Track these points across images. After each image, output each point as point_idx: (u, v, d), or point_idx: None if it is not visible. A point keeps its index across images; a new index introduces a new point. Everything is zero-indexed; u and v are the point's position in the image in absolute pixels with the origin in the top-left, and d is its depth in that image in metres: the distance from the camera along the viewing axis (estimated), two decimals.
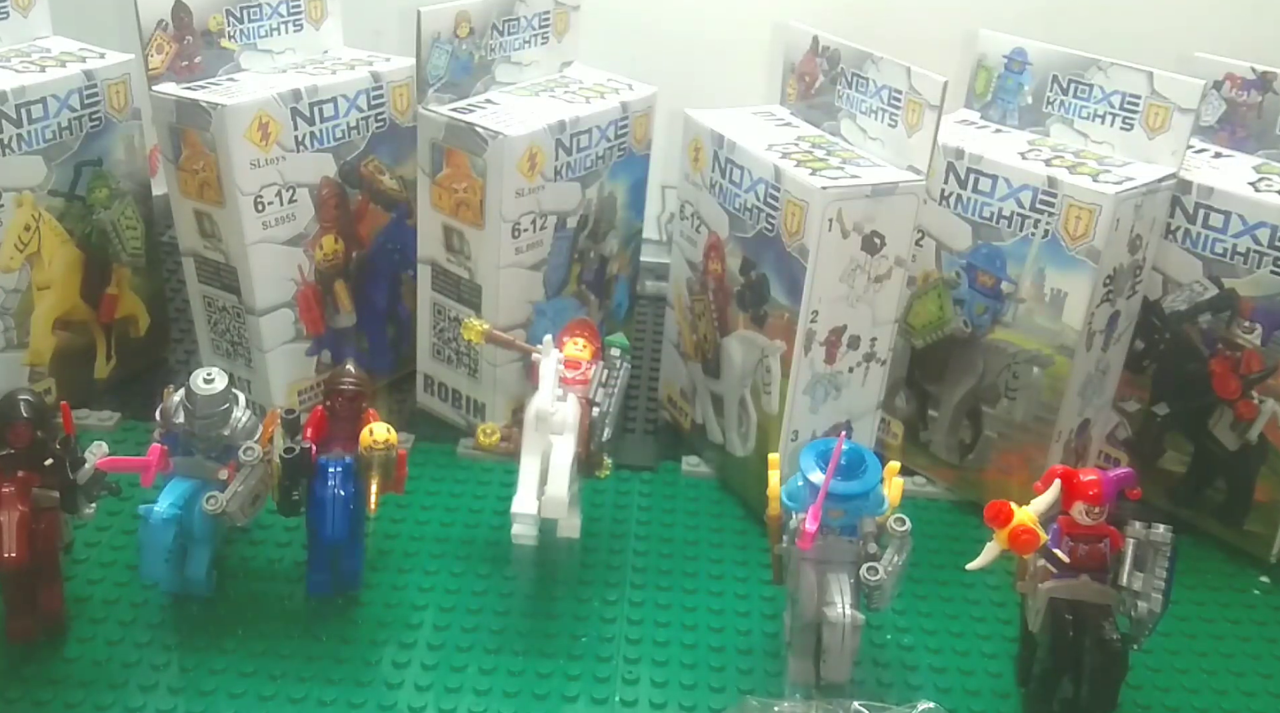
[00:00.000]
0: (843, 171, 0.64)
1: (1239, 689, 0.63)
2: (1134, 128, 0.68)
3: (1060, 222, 0.66)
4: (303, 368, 0.78)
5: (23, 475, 0.56)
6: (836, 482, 0.55)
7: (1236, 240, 0.68)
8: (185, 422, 0.60)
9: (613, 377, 0.67)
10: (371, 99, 0.75)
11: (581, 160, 0.74)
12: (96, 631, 0.61)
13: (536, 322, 0.76)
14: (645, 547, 0.70)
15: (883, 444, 0.78)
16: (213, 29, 0.73)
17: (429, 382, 0.81)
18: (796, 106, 0.73)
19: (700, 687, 0.60)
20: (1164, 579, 0.56)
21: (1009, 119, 0.74)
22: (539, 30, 0.78)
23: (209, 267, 0.74)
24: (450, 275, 0.75)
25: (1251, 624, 0.68)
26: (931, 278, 0.73)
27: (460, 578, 0.67)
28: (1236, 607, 0.69)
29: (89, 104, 0.74)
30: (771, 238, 0.66)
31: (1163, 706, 0.61)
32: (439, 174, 0.72)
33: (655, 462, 0.78)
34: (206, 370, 0.60)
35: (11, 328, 0.74)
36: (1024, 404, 0.71)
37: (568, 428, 0.62)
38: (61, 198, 0.74)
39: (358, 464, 0.60)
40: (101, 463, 0.59)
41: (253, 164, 0.70)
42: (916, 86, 0.63)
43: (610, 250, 0.81)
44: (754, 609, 0.66)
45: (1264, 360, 0.69)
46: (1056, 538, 0.57)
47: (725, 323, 0.72)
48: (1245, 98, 0.73)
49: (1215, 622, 0.67)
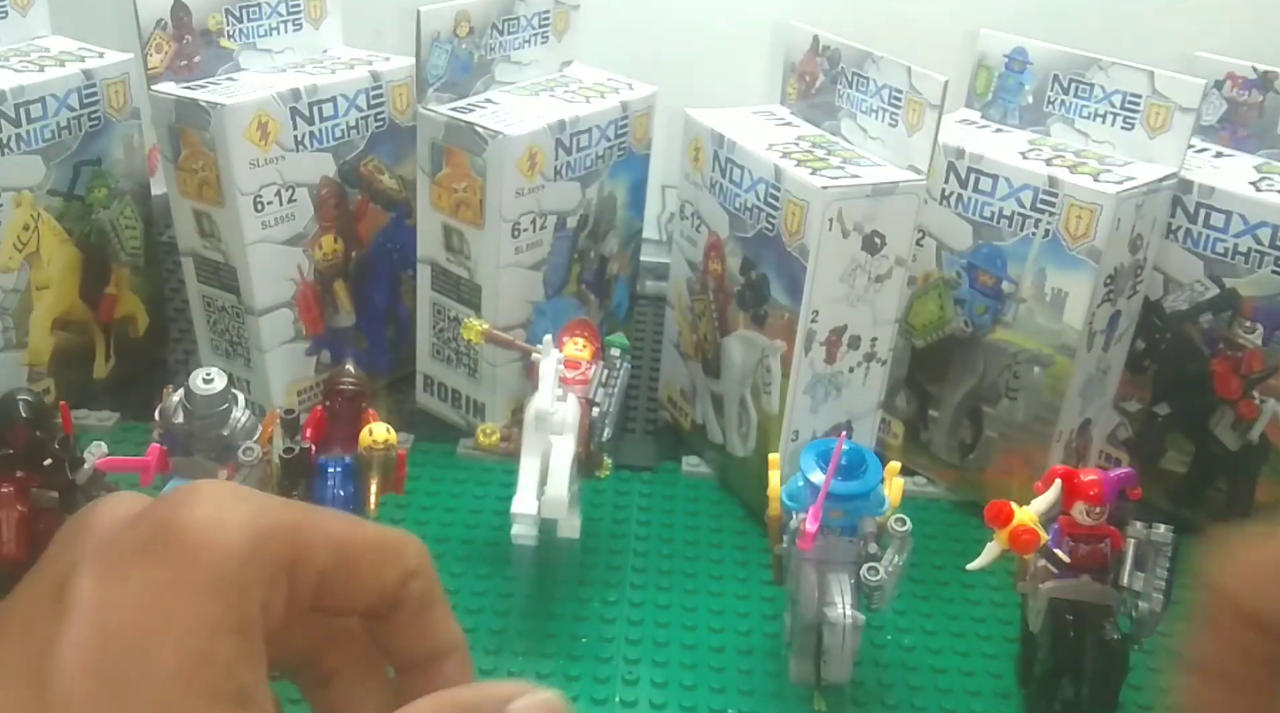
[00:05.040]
0: (843, 171, 0.64)
1: None
2: (1135, 127, 0.68)
3: (1061, 221, 0.65)
4: (302, 368, 0.78)
5: (21, 476, 0.56)
6: (837, 482, 0.55)
7: (1237, 240, 0.68)
8: (184, 422, 0.60)
9: (613, 377, 0.67)
10: (371, 98, 0.75)
11: (581, 160, 0.74)
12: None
13: (536, 322, 0.76)
14: (645, 547, 0.70)
15: (883, 444, 0.78)
16: (212, 28, 0.72)
17: (429, 382, 0.81)
18: (797, 106, 0.73)
19: (700, 687, 0.60)
20: (1165, 579, 0.55)
21: (1010, 119, 0.74)
22: (539, 30, 0.78)
23: (208, 266, 0.74)
24: (450, 275, 0.75)
25: None
26: (932, 278, 0.73)
27: (460, 578, 0.66)
28: None
29: (88, 103, 0.74)
30: (772, 238, 0.66)
31: (1163, 706, 0.61)
32: (438, 174, 0.72)
33: (655, 462, 0.78)
34: (206, 370, 0.60)
35: (10, 328, 0.74)
36: (1025, 404, 0.71)
37: (568, 428, 0.62)
38: (60, 197, 0.74)
39: (357, 464, 0.60)
40: (101, 463, 0.58)
41: (252, 164, 0.70)
42: (917, 86, 0.63)
43: (610, 250, 0.80)
44: (754, 609, 0.66)
45: (1265, 360, 0.69)
46: (1057, 538, 0.57)
47: (725, 323, 0.72)
48: (1246, 97, 0.73)
49: None
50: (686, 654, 0.62)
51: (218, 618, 0.26)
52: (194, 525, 0.27)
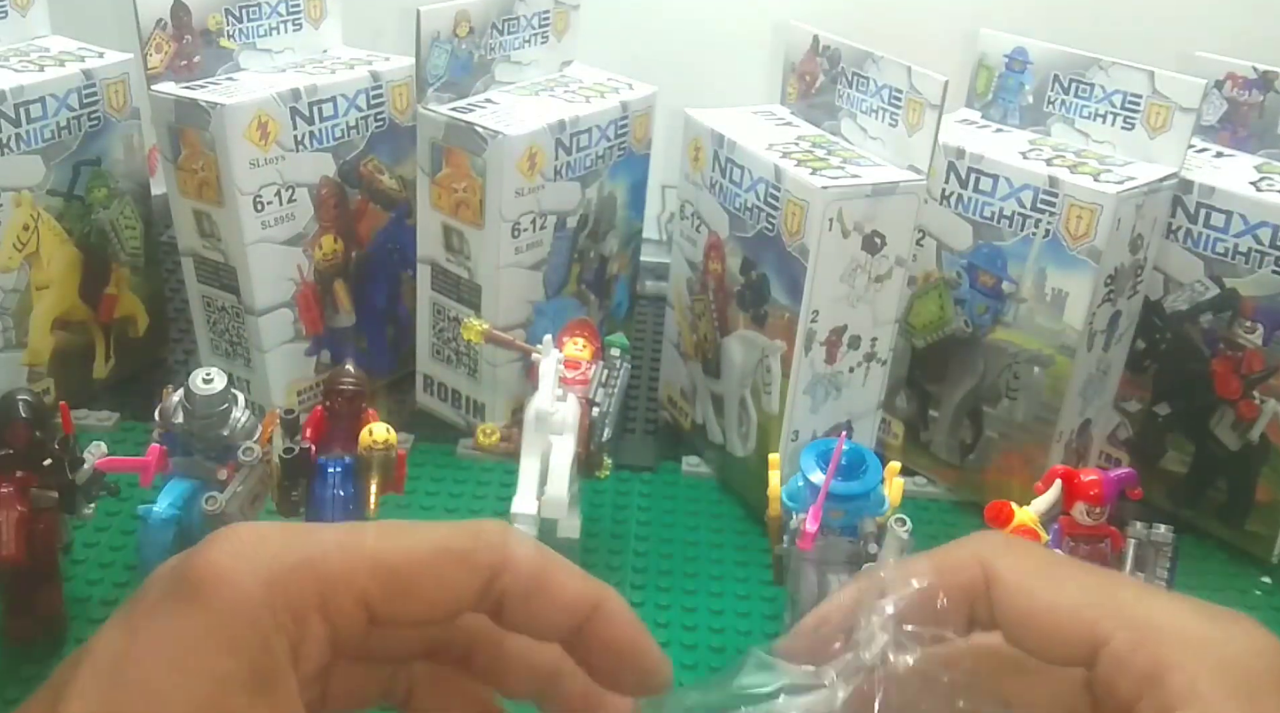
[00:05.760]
0: (843, 171, 0.63)
1: None
2: (1135, 127, 0.68)
3: (1061, 221, 0.65)
4: (302, 368, 0.78)
5: (21, 476, 0.56)
6: (837, 482, 0.55)
7: (1238, 240, 0.68)
8: (184, 422, 0.60)
9: (613, 377, 0.67)
10: (371, 98, 0.75)
11: (581, 160, 0.74)
12: (95, 631, 0.60)
13: (536, 322, 0.76)
14: (645, 547, 0.70)
15: (883, 444, 0.78)
16: (212, 28, 0.72)
17: (429, 382, 0.81)
18: (797, 106, 0.73)
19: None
20: (1165, 580, 0.55)
21: (1010, 118, 0.74)
22: (539, 30, 0.77)
23: (208, 266, 0.74)
24: (450, 275, 0.75)
25: None
26: (932, 278, 0.73)
27: None
28: (1238, 607, 0.68)
29: (88, 103, 0.74)
30: (772, 237, 0.66)
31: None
32: (438, 174, 0.72)
33: (655, 462, 0.78)
34: (205, 370, 0.60)
35: (10, 328, 0.74)
36: (1025, 404, 0.71)
37: (568, 428, 0.62)
38: (60, 197, 0.74)
39: (357, 464, 0.60)
40: (100, 463, 0.58)
41: (252, 164, 0.69)
42: (917, 86, 0.63)
43: (610, 250, 0.80)
44: (754, 609, 0.66)
45: (1265, 360, 0.69)
46: (1057, 538, 0.57)
47: (725, 323, 0.72)
48: (1246, 97, 0.73)
49: None
50: (687, 654, 0.62)
51: (231, 673, 0.25)
52: (207, 576, 0.26)
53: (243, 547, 0.27)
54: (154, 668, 0.25)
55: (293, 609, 0.27)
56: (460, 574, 0.29)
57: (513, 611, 0.30)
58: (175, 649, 0.26)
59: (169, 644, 0.26)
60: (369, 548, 0.28)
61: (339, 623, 0.28)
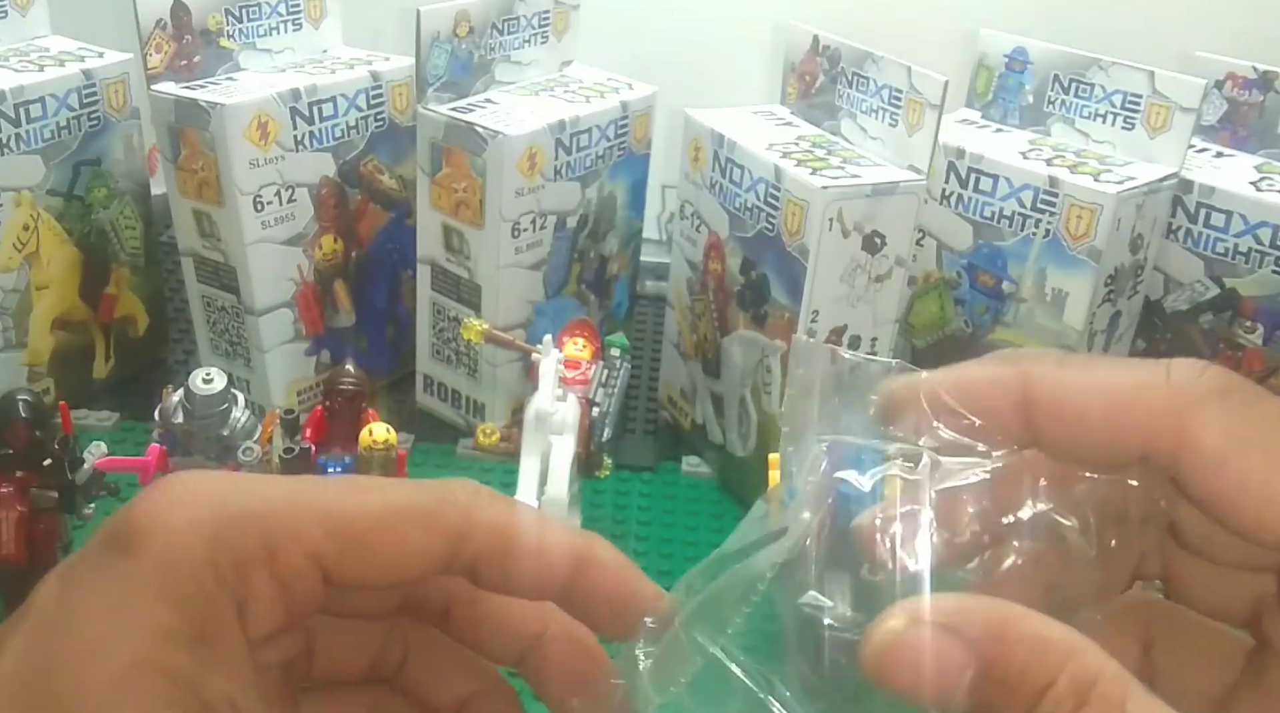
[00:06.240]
0: (843, 171, 0.63)
1: None
2: (1135, 127, 0.68)
3: (1061, 221, 0.65)
4: (302, 368, 0.78)
5: (21, 475, 0.56)
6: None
7: (1238, 240, 0.68)
8: (184, 422, 0.60)
9: (613, 377, 0.67)
10: (371, 98, 0.75)
11: (581, 160, 0.74)
12: None
13: (536, 322, 0.76)
14: (645, 547, 0.70)
15: None
16: (211, 28, 0.72)
17: (429, 382, 0.81)
18: (797, 106, 0.73)
19: None
20: None
21: (1010, 118, 0.74)
22: (539, 30, 0.77)
23: (208, 266, 0.74)
24: (450, 275, 0.75)
25: None
26: (932, 278, 0.73)
27: None
28: None
29: (87, 103, 0.74)
30: (772, 237, 0.66)
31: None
32: (438, 173, 0.72)
33: (655, 462, 0.78)
34: (205, 370, 0.60)
35: (10, 328, 0.74)
36: None
37: (568, 428, 0.62)
38: (60, 197, 0.74)
39: (357, 464, 0.60)
40: (100, 463, 0.58)
41: (252, 163, 0.69)
42: (917, 86, 0.63)
43: (610, 250, 0.80)
44: None
45: (1265, 360, 0.69)
46: None
47: (725, 323, 0.72)
48: (1247, 97, 0.73)
49: None
50: None
51: (170, 625, 0.24)
52: (144, 526, 0.25)
53: (184, 495, 0.26)
54: (90, 619, 0.24)
55: (235, 563, 0.25)
56: (421, 536, 0.27)
57: (489, 573, 0.28)
58: (112, 600, 0.24)
59: (106, 595, 0.24)
60: (322, 503, 0.26)
61: (290, 581, 0.26)
